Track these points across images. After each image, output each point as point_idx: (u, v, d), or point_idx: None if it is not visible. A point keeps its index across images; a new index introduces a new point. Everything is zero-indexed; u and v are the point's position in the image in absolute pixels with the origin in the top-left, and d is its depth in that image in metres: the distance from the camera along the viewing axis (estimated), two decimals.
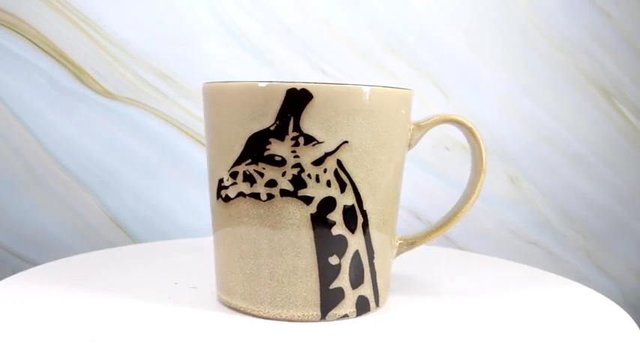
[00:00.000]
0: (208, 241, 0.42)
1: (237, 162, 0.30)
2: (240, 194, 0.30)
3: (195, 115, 0.57)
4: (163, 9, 0.56)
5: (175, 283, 0.37)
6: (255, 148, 0.29)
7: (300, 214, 0.30)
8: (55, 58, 0.55)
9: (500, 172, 0.63)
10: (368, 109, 0.30)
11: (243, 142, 0.30)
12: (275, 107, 0.29)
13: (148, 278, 0.38)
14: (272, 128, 0.29)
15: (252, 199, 0.30)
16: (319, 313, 0.31)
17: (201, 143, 0.58)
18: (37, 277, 0.37)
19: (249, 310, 0.32)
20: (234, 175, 0.30)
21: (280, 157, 0.29)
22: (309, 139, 0.29)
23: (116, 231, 0.57)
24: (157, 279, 0.37)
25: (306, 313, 0.31)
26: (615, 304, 0.35)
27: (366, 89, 0.30)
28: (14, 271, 0.53)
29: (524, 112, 0.62)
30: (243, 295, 0.31)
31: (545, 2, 0.61)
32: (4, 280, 0.36)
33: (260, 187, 0.30)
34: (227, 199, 0.31)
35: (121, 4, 0.55)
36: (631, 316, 0.33)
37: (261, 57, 0.58)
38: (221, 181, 0.31)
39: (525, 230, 0.64)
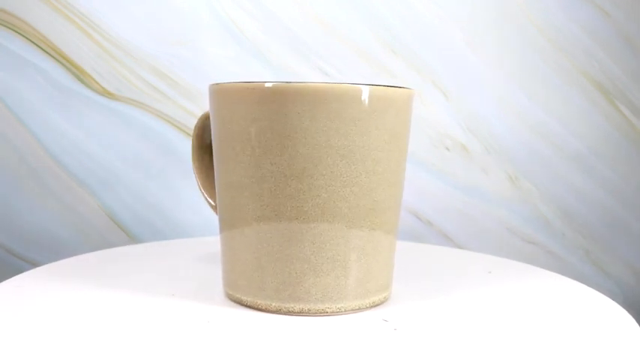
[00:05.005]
0: (208, 241, 0.42)
1: None
2: None
3: (195, 115, 0.57)
4: (163, 9, 0.56)
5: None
6: None
7: None
8: (55, 58, 0.55)
9: (500, 171, 0.63)
10: None
11: None
12: None
13: (150, 278, 0.38)
14: None
15: None
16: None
17: None
18: (38, 278, 0.37)
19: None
20: None
21: None
22: None
23: (116, 231, 0.57)
24: (159, 279, 0.37)
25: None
26: (616, 304, 0.35)
27: None
28: (14, 271, 0.53)
29: (524, 111, 0.63)
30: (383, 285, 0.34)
31: (545, 1, 0.61)
32: (5, 281, 0.36)
33: None
34: None
35: (121, 4, 0.55)
36: (631, 315, 0.33)
37: (261, 57, 0.58)
38: None
39: (524, 229, 0.64)
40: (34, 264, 0.56)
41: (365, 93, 0.30)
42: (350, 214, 0.31)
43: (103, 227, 0.57)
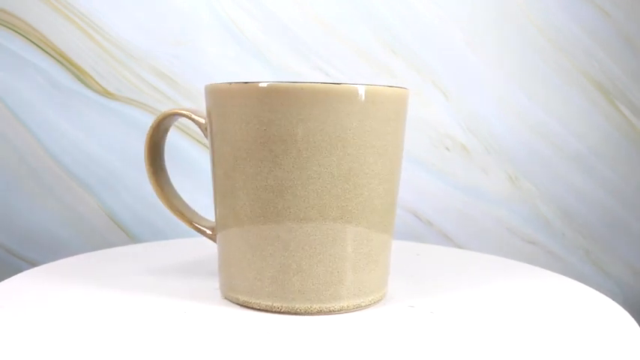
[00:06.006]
0: (208, 241, 0.42)
1: None
2: None
3: None
4: (163, 9, 0.56)
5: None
6: None
7: None
8: (55, 58, 0.55)
9: (500, 171, 0.63)
10: None
11: None
12: None
13: (150, 278, 0.38)
14: None
15: None
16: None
17: (200, 142, 0.58)
18: (37, 278, 0.37)
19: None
20: None
21: None
22: None
23: (116, 231, 0.57)
24: (159, 279, 0.37)
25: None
26: (616, 304, 0.35)
27: None
28: (13, 271, 0.53)
29: (524, 111, 0.62)
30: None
31: (545, 1, 0.61)
32: (4, 281, 0.36)
33: None
34: None
35: (121, 4, 0.55)
36: (631, 315, 0.33)
37: (261, 57, 0.58)
38: None
39: (524, 229, 0.64)
40: (33, 264, 0.56)
41: (402, 95, 0.32)
42: (382, 210, 0.32)
43: (103, 227, 0.57)
